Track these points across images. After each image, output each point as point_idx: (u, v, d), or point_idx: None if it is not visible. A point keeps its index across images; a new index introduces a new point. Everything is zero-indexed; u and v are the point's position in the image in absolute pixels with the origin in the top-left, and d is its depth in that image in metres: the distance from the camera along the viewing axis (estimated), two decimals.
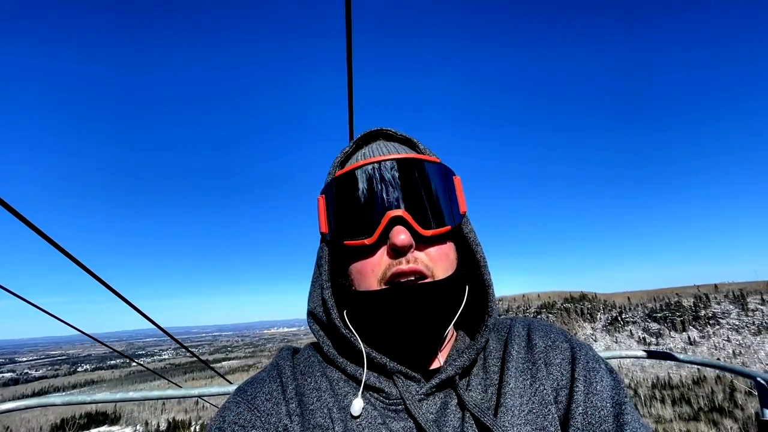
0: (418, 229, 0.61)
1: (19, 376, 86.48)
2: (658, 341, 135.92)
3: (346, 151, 0.72)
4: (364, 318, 0.63)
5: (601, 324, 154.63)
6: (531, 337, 0.67)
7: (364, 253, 0.63)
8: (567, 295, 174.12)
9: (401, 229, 0.59)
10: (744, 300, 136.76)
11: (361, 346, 0.62)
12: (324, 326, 0.68)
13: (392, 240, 0.59)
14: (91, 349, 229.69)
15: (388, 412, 0.60)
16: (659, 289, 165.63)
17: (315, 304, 0.69)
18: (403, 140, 0.72)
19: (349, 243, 0.63)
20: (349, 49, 1.76)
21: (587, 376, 0.61)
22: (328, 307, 0.65)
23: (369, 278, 0.62)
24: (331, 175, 0.70)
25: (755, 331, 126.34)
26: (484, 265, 0.68)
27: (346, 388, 0.63)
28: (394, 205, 0.61)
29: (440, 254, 0.63)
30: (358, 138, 0.73)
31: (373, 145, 0.71)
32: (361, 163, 0.64)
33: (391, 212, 0.60)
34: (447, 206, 0.65)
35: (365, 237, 0.62)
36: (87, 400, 1.92)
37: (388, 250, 0.61)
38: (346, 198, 0.64)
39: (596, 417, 0.58)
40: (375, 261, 0.62)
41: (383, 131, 0.73)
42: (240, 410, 0.59)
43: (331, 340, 0.67)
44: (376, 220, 0.61)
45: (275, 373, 0.65)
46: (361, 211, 0.63)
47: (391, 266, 0.61)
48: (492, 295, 0.66)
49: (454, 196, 0.67)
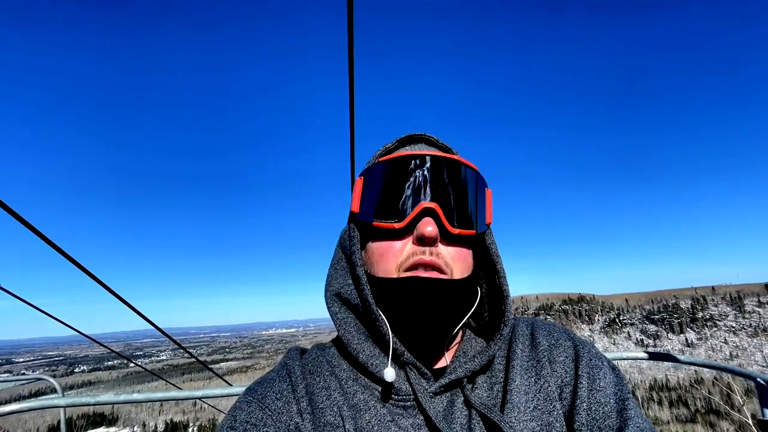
0: (446, 225, 0.63)
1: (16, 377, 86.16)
2: (655, 343, 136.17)
3: (388, 146, 0.74)
4: (380, 304, 0.64)
5: (599, 326, 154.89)
6: (535, 336, 0.69)
7: (390, 237, 0.64)
8: (565, 296, 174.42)
9: (430, 221, 0.61)
10: (741, 302, 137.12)
11: (386, 327, 0.63)
12: (353, 307, 0.67)
13: (420, 229, 0.61)
14: (88, 350, 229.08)
15: (397, 409, 0.61)
16: (657, 290, 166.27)
17: (343, 284, 0.69)
18: (444, 147, 0.74)
19: (378, 224, 0.65)
20: (351, 50, 1.73)
21: (590, 373, 0.62)
22: (362, 283, 0.65)
23: (389, 262, 0.63)
24: (371, 162, 0.72)
25: (752, 333, 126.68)
26: (504, 276, 0.69)
27: (355, 386, 0.64)
28: (429, 197, 0.63)
29: (460, 255, 0.65)
30: (401, 138, 0.75)
31: (417, 147, 0.73)
32: (405, 153, 0.67)
33: (424, 203, 0.62)
34: (475, 212, 0.68)
35: (395, 221, 0.63)
36: (90, 401, 1.89)
37: (414, 238, 0.63)
38: (384, 182, 0.66)
39: (600, 413, 0.59)
40: (399, 246, 0.63)
41: (425, 137, 0.75)
42: (251, 409, 0.59)
43: (356, 323, 0.67)
44: (409, 208, 0.63)
45: (284, 373, 0.65)
46: (396, 196, 0.64)
47: (413, 254, 0.62)
48: (509, 305, 0.68)
49: (483, 205, 0.70)
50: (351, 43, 1.69)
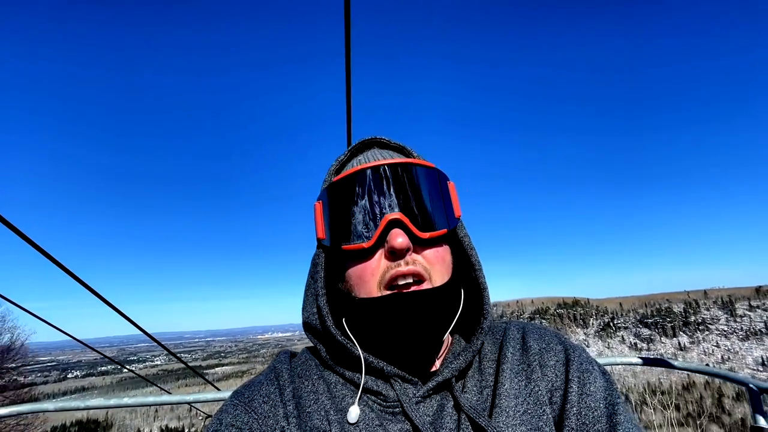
0: (415, 232, 0.62)
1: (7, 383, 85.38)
2: (649, 347, 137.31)
3: (341, 159, 0.74)
4: (364, 325, 0.64)
5: (593, 329, 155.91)
6: (525, 340, 0.68)
7: (362, 257, 0.63)
8: (560, 300, 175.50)
9: (399, 232, 0.61)
10: (732, 306, 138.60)
11: (358, 352, 0.62)
12: (320, 335, 0.68)
13: (390, 243, 0.60)
14: (81, 355, 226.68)
15: (386, 415, 0.61)
16: (650, 294, 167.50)
17: (309, 313, 0.69)
18: (397, 148, 0.74)
19: (347, 247, 0.63)
20: (348, 51, 1.75)
21: (581, 378, 0.62)
22: (323, 315, 0.65)
23: (369, 283, 0.63)
24: (327, 182, 0.72)
25: (743, 336, 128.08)
26: (479, 268, 0.69)
27: (344, 390, 0.64)
28: (391, 208, 0.62)
29: (437, 257, 0.65)
30: (352, 147, 0.74)
31: (368, 153, 0.72)
32: (356, 168, 0.65)
33: (388, 215, 0.61)
34: (442, 210, 0.67)
35: (363, 240, 0.62)
36: (80, 405, 1.89)
37: (386, 253, 0.62)
38: (343, 203, 0.65)
39: (590, 417, 0.59)
40: (374, 264, 0.62)
41: (377, 140, 0.74)
42: (237, 412, 0.59)
43: (327, 347, 0.68)
44: (374, 224, 0.62)
45: (272, 376, 0.65)
46: (358, 215, 0.64)
47: (389, 269, 0.61)
48: (487, 298, 0.68)
49: (448, 200, 0.69)
50: (348, 43, 1.70)
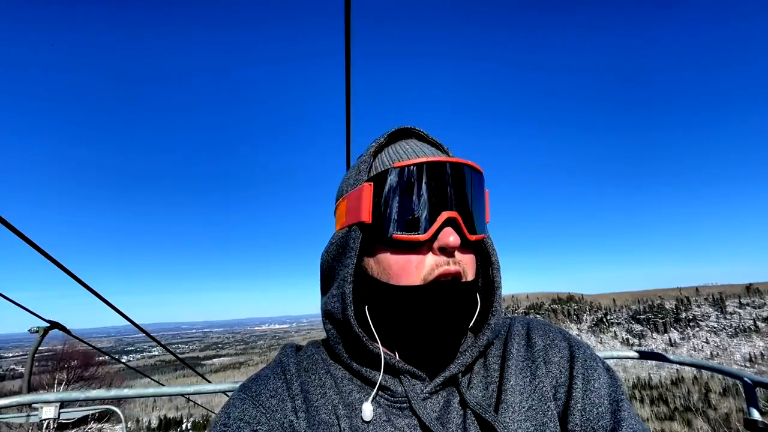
0: (465, 233, 0.62)
1: (6, 372, 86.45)
2: (640, 342, 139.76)
3: (380, 142, 0.72)
4: (398, 313, 0.62)
5: (586, 325, 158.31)
6: (530, 336, 0.69)
7: (410, 248, 0.62)
8: (555, 296, 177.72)
9: (452, 231, 0.61)
10: (723, 303, 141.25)
11: (377, 350, 0.62)
12: (338, 324, 0.66)
13: (444, 240, 0.60)
14: (79, 345, 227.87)
15: (393, 410, 0.61)
16: (644, 290, 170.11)
17: (333, 299, 0.67)
18: (435, 144, 0.74)
19: (399, 237, 0.61)
20: (348, 49, 1.76)
21: (585, 374, 0.63)
22: (347, 302, 0.63)
23: (412, 274, 0.61)
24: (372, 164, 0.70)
25: (732, 333, 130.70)
26: (498, 268, 0.70)
27: (351, 385, 0.64)
28: (449, 206, 0.62)
29: (472, 260, 0.66)
30: (390, 132, 0.73)
31: (410, 143, 0.71)
32: (420, 160, 0.63)
33: (446, 213, 0.61)
34: (483, 215, 0.68)
35: (418, 233, 0.61)
36: (81, 396, 1.89)
37: (436, 248, 0.61)
38: (401, 191, 0.63)
39: (594, 413, 0.59)
40: (421, 258, 0.62)
41: (416, 131, 0.74)
42: (245, 407, 0.59)
43: (343, 338, 0.67)
44: (431, 218, 0.61)
45: (279, 370, 0.65)
46: (415, 206, 0.62)
47: (438, 265, 0.61)
48: (499, 296, 0.68)
49: (485, 206, 0.70)
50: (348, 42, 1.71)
